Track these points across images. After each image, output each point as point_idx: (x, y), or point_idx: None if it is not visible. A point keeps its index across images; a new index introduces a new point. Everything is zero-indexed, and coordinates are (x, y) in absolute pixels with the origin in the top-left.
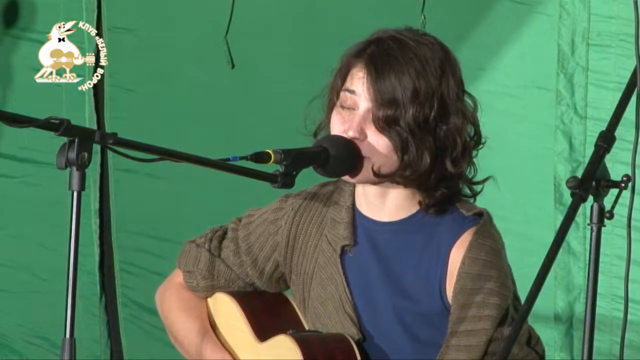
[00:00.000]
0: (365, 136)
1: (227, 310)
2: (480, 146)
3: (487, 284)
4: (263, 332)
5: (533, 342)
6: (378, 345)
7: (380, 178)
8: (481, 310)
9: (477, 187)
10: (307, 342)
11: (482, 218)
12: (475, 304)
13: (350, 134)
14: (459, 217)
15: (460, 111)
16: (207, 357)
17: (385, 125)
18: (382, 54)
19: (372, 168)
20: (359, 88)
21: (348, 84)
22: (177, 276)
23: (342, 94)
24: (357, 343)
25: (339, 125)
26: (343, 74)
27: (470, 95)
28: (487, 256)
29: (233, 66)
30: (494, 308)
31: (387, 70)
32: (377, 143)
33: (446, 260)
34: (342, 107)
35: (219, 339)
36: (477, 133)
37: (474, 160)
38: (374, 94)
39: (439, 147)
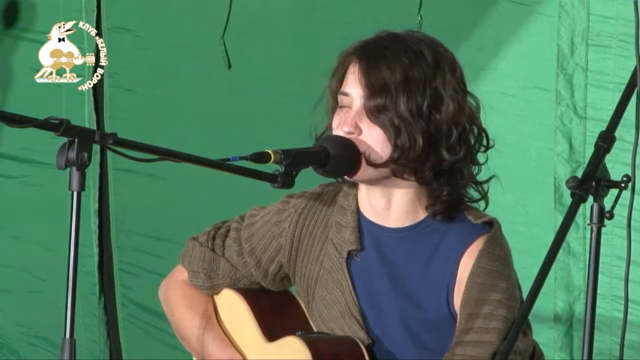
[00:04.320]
0: (360, 131)
1: (234, 308)
2: (488, 148)
3: (495, 294)
4: (270, 331)
5: (536, 357)
6: (384, 350)
7: (375, 167)
8: (488, 322)
9: (484, 187)
10: (316, 344)
11: (492, 227)
12: (483, 315)
13: (345, 129)
14: (468, 225)
15: (458, 103)
16: (210, 349)
17: (377, 113)
18: (375, 47)
19: (365, 157)
20: (352, 86)
21: (344, 86)
22: (180, 273)
23: (339, 96)
24: (368, 347)
25: (337, 125)
26: (340, 74)
27: (473, 96)
28: (497, 266)
29: (230, 66)
30: (500, 320)
31: (378, 60)
32: (372, 135)
33: (455, 268)
34: (341, 107)
35: (224, 334)
36: (482, 134)
37: (484, 163)
38: (365, 84)
39: (432, 134)
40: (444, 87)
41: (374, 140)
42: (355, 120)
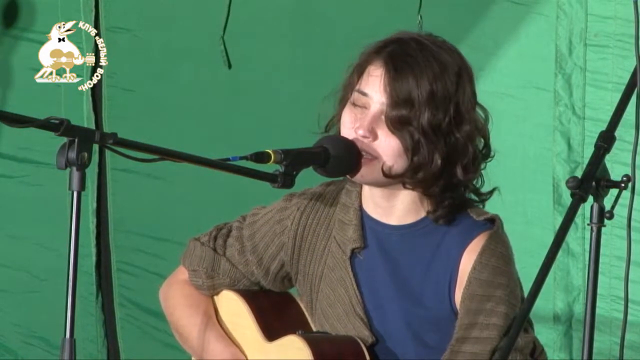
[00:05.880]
0: (376, 136)
1: (234, 309)
2: (489, 159)
3: (496, 291)
4: (270, 331)
5: (537, 352)
6: (386, 348)
7: (389, 178)
8: (488, 318)
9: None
10: (317, 343)
11: (495, 224)
12: (484, 312)
13: (360, 133)
14: (470, 222)
15: (473, 120)
16: (212, 347)
17: (399, 125)
18: (402, 54)
19: (382, 168)
20: (373, 89)
21: (362, 85)
22: (181, 273)
23: (355, 93)
24: (370, 346)
25: (350, 123)
26: (359, 71)
27: (482, 107)
28: (498, 262)
29: (230, 66)
30: (501, 317)
31: (406, 70)
32: (388, 143)
33: (457, 264)
34: (354, 105)
35: (225, 334)
36: (487, 146)
37: (482, 172)
38: (390, 93)
39: (450, 153)
40: (464, 103)
41: (390, 149)
42: (373, 125)
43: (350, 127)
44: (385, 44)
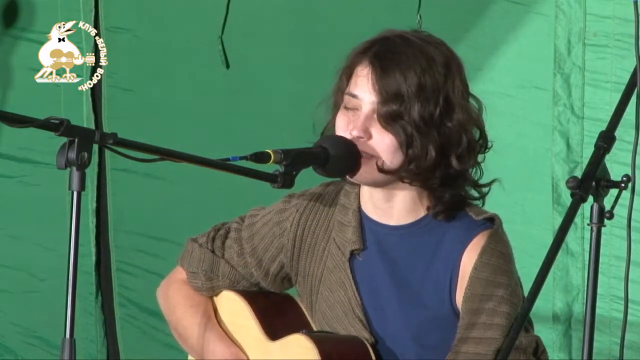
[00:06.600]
0: (370, 135)
1: (234, 309)
2: (487, 150)
3: (498, 291)
4: (272, 331)
5: (539, 351)
6: (387, 349)
7: (387, 174)
8: (491, 318)
9: (484, 189)
10: (323, 342)
11: (494, 223)
12: (486, 311)
13: (354, 134)
14: (469, 221)
15: (466, 110)
16: (213, 347)
17: (390, 120)
18: (388, 51)
19: (377, 164)
20: (362, 90)
21: (351, 87)
22: (179, 273)
23: (345, 96)
24: (371, 346)
25: (344, 126)
26: (348, 74)
27: (475, 98)
28: (499, 262)
29: (228, 66)
30: (503, 317)
31: (392, 66)
32: (383, 141)
33: (457, 263)
34: (346, 108)
35: (225, 334)
36: (483, 136)
37: (481, 163)
38: (379, 90)
39: (444, 143)
40: (454, 94)
41: (386, 146)
42: (366, 125)
43: (344, 130)
44: (370, 44)
